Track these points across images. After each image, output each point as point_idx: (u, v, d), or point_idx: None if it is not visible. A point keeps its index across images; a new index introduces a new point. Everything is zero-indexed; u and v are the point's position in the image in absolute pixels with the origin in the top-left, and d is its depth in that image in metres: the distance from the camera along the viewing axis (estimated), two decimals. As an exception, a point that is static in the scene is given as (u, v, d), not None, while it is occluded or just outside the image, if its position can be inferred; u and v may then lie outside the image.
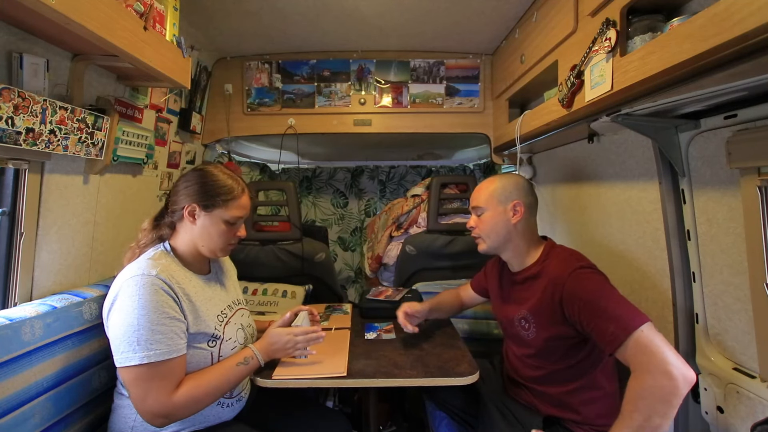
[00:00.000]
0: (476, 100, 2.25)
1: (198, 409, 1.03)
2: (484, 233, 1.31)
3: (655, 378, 0.93)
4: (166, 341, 0.98)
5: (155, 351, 0.96)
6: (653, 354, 0.95)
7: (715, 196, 1.12)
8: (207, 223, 1.12)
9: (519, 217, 1.26)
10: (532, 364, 1.25)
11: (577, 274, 1.12)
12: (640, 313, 1.01)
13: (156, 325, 0.97)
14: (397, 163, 3.42)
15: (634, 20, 1.05)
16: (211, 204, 1.11)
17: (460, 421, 1.40)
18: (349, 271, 3.41)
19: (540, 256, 1.26)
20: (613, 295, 1.06)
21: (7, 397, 0.93)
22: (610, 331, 1.01)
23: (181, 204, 1.11)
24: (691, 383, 0.92)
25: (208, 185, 1.11)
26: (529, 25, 1.66)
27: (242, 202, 1.15)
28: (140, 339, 0.95)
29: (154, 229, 1.16)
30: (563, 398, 1.19)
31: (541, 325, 1.19)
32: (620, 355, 1.01)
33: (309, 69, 2.23)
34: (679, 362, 0.93)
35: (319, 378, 1.17)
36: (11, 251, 1.16)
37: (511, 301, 1.33)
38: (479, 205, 1.32)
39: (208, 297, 1.15)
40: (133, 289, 0.98)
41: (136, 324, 0.95)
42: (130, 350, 0.95)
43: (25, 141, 1.01)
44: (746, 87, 0.85)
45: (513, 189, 1.28)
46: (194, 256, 1.16)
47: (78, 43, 1.12)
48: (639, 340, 0.97)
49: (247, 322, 1.27)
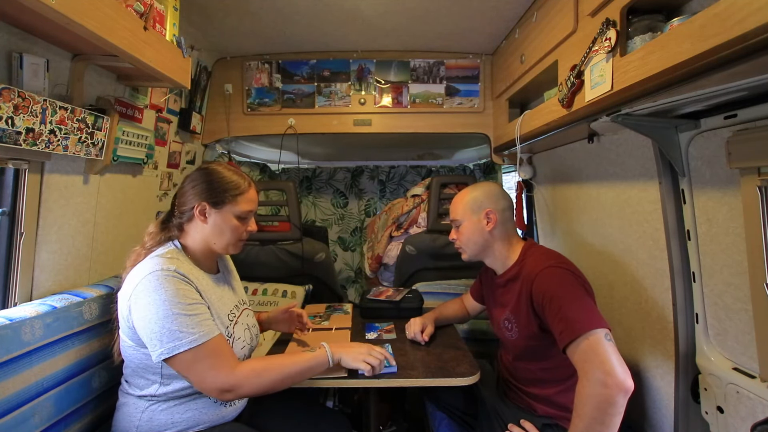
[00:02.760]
0: (476, 100, 2.25)
1: (262, 384, 1.03)
2: (463, 244, 1.36)
3: (591, 385, 0.95)
4: (204, 323, 1.01)
5: (199, 333, 0.98)
6: (593, 361, 0.96)
7: (715, 196, 1.12)
8: (218, 221, 1.13)
9: (493, 224, 1.30)
10: (521, 366, 1.27)
11: (545, 272, 1.14)
12: (598, 319, 1.02)
13: (190, 311, 0.99)
14: (397, 163, 3.41)
15: (634, 20, 1.04)
16: (220, 201, 1.12)
17: (460, 421, 1.40)
18: (349, 271, 3.40)
19: (519, 257, 1.29)
20: (574, 295, 1.07)
21: (7, 397, 0.93)
22: (559, 330, 1.04)
23: (190, 204, 1.12)
24: (628, 393, 0.93)
25: (215, 182, 1.13)
26: (529, 25, 1.66)
27: (250, 196, 1.17)
28: (181, 326, 0.97)
29: (162, 232, 1.16)
30: (557, 398, 1.19)
31: (520, 325, 1.21)
32: (570, 356, 1.03)
33: (309, 69, 2.23)
34: (618, 371, 0.94)
35: (319, 378, 1.17)
36: (11, 251, 1.16)
37: (498, 304, 1.36)
38: (456, 218, 1.37)
39: (219, 296, 1.16)
40: (155, 284, 0.99)
41: (171, 314, 0.97)
42: (175, 339, 0.96)
43: (25, 141, 1.01)
44: (746, 87, 0.85)
45: (484, 198, 1.33)
46: (205, 255, 1.17)
47: (78, 43, 1.12)
48: (585, 345, 0.99)
49: (252, 323, 1.28)
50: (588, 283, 1.16)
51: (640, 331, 1.41)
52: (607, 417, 0.92)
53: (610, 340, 1.00)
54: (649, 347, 1.37)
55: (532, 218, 2.33)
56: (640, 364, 1.41)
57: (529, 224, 2.30)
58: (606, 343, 0.98)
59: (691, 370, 1.23)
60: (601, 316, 1.04)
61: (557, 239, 2.03)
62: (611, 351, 0.97)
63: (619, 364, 0.95)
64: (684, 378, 1.23)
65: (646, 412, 1.38)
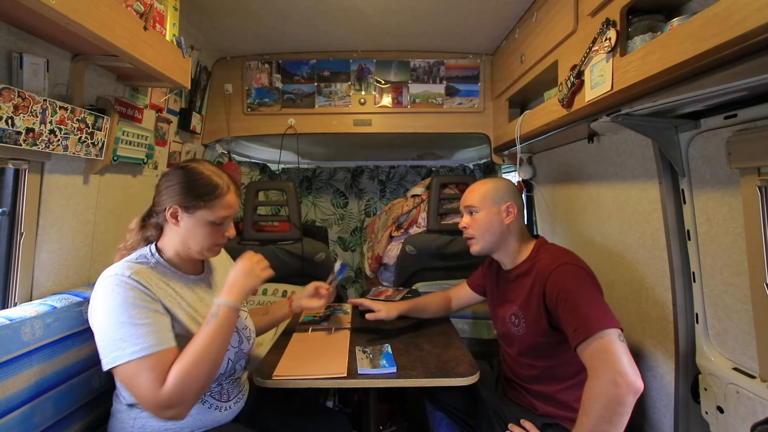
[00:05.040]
0: (476, 100, 2.25)
1: (194, 385, 0.93)
2: (478, 233, 1.31)
3: (601, 384, 0.95)
4: (152, 334, 0.92)
5: (143, 345, 0.90)
6: (605, 360, 0.97)
7: (715, 196, 1.12)
8: (191, 225, 1.05)
9: (512, 218, 1.28)
10: (525, 363, 1.26)
11: (560, 269, 1.14)
12: (611, 318, 1.02)
13: (137, 320, 0.92)
14: (397, 163, 3.41)
15: (634, 20, 1.04)
16: (192, 205, 1.04)
17: (459, 422, 1.40)
18: (349, 271, 3.40)
19: (531, 253, 1.28)
20: (589, 293, 1.07)
21: (7, 397, 0.93)
22: (573, 328, 1.04)
23: (163, 205, 1.05)
24: (638, 393, 0.94)
25: (190, 185, 1.04)
26: (529, 25, 1.66)
27: (227, 201, 1.08)
28: (125, 335, 0.90)
29: (141, 230, 1.11)
30: (559, 396, 1.19)
31: (529, 321, 1.21)
32: (580, 354, 1.03)
33: (309, 69, 2.23)
34: (629, 371, 0.94)
35: (319, 378, 1.17)
36: (11, 251, 1.16)
37: (505, 299, 1.35)
38: (473, 204, 1.32)
39: (198, 298, 1.11)
40: (107, 290, 0.94)
41: (116, 322, 0.91)
42: (118, 349, 0.90)
43: (25, 141, 1.01)
44: (746, 87, 0.85)
45: (505, 191, 1.31)
46: (183, 257, 1.11)
47: (78, 43, 1.12)
48: (597, 344, 0.99)
49: (243, 324, 1.21)
50: (599, 282, 1.16)
51: (640, 331, 1.41)
52: (615, 416, 0.93)
53: (623, 341, 1.00)
54: (649, 347, 1.37)
55: (532, 218, 2.33)
56: (640, 364, 1.40)
57: (529, 224, 2.31)
58: (618, 343, 0.98)
59: (691, 370, 1.23)
60: (614, 316, 1.03)
61: (557, 239, 2.03)
62: (623, 351, 0.97)
63: (630, 364, 0.96)
64: (684, 378, 1.23)
65: (646, 412, 1.38)
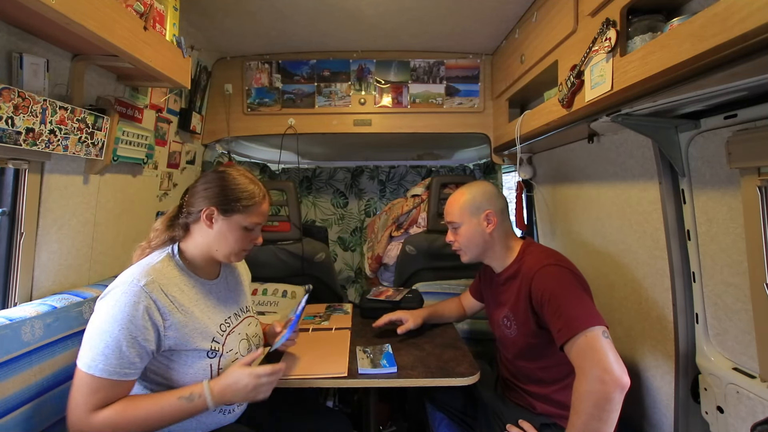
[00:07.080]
0: (476, 100, 2.25)
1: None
2: (463, 246, 1.34)
3: (589, 383, 0.96)
4: (120, 363, 0.91)
5: (104, 365, 0.90)
6: (591, 358, 0.97)
7: (715, 196, 1.12)
8: (224, 228, 1.08)
9: (493, 226, 1.29)
10: (520, 364, 1.27)
11: (543, 271, 1.15)
12: (595, 317, 1.03)
13: (119, 341, 0.91)
14: (397, 163, 3.41)
15: (634, 20, 1.04)
16: (230, 209, 1.07)
17: (459, 422, 1.40)
18: (349, 271, 3.40)
19: (518, 256, 1.29)
20: (572, 294, 1.08)
21: (7, 397, 0.93)
22: (557, 328, 1.05)
23: (199, 206, 1.07)
24: (624, 389, 0.94)
25: (229, 189, 1.07)
26: (529, 25, 1.66)
27: (263, 209, 1.12)
28: (99, 345, 0.91)
29: (167, 230, 1.12)
30: (556, 396, 1.20)
31: (519, 323, 1.22)
32: (567, 354, 1.03)
33: (309, 69, 2.23)
34: (614, 368, 0.95)
35: (319, 378, 1.17)
36: (11, 251, 1.16)
37: (497, 302, 1.36)
38: (453, 221, 1.33)
39: (211, 305, 1.11)
40: (117, 296, 0.94)
41: (103, 331, 0.91)
42: (85, 353, 0.91)
43: (25, 141, 1.01)
44: (746, 87, 0.85)
45: (483, 198, 1.30)
46: (204, 260, 1.12)
47: (78, 43, 1.12)
48: (582, 342, 1.00)
49: (254, 332, 1.21)
50: (585, 281, 1.17)
51: (640, 331, 1.41)
52: (604, 413, 0.93)
53: (608, 338, 1.00)
54: (649, 347, 1.37)
55: (532, 218, 2.33)
56: (640, 364, 1.41)
57: (529, 224, 2.30)
58: (603, 341, 0.99)
59: (691, 370, 1.23)
60: (598, 314, 1.04)
61: (557, 239, 2.03)
62: (608, 348, 0.98)
63: (615, 361, 0.96)
64: (684, 378, 1.23)
65: (646, 412, 1.38)
